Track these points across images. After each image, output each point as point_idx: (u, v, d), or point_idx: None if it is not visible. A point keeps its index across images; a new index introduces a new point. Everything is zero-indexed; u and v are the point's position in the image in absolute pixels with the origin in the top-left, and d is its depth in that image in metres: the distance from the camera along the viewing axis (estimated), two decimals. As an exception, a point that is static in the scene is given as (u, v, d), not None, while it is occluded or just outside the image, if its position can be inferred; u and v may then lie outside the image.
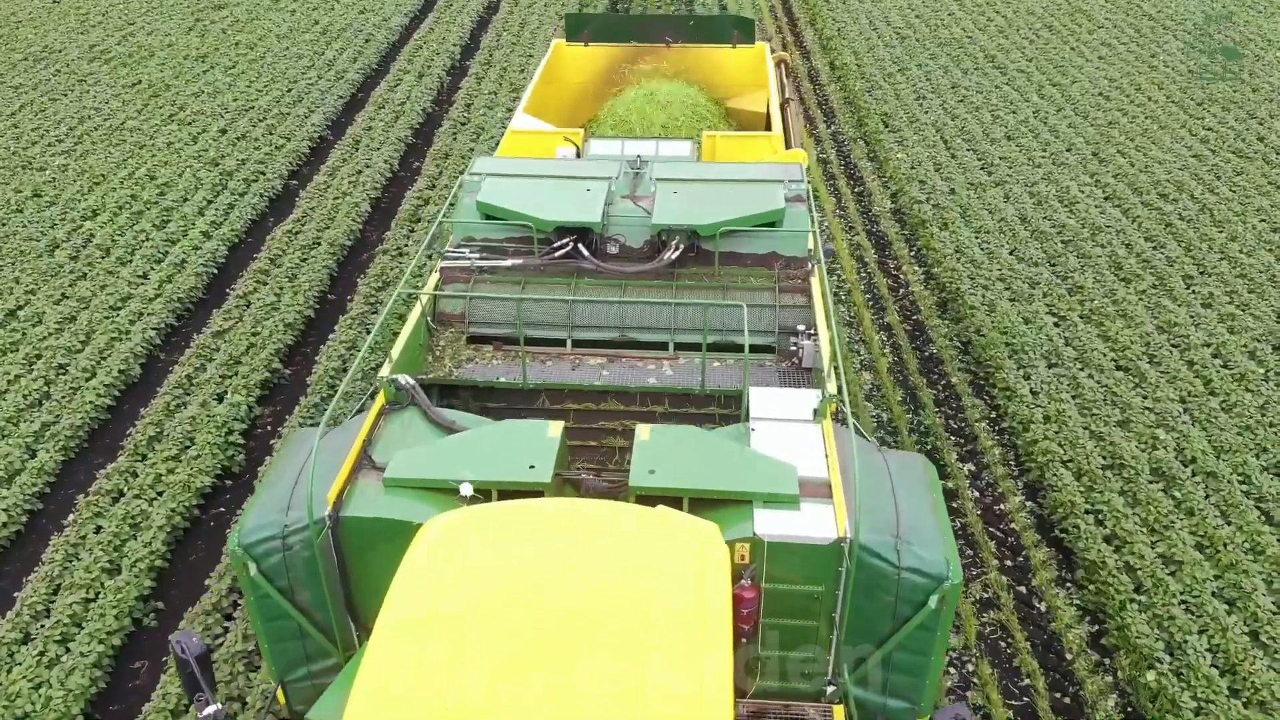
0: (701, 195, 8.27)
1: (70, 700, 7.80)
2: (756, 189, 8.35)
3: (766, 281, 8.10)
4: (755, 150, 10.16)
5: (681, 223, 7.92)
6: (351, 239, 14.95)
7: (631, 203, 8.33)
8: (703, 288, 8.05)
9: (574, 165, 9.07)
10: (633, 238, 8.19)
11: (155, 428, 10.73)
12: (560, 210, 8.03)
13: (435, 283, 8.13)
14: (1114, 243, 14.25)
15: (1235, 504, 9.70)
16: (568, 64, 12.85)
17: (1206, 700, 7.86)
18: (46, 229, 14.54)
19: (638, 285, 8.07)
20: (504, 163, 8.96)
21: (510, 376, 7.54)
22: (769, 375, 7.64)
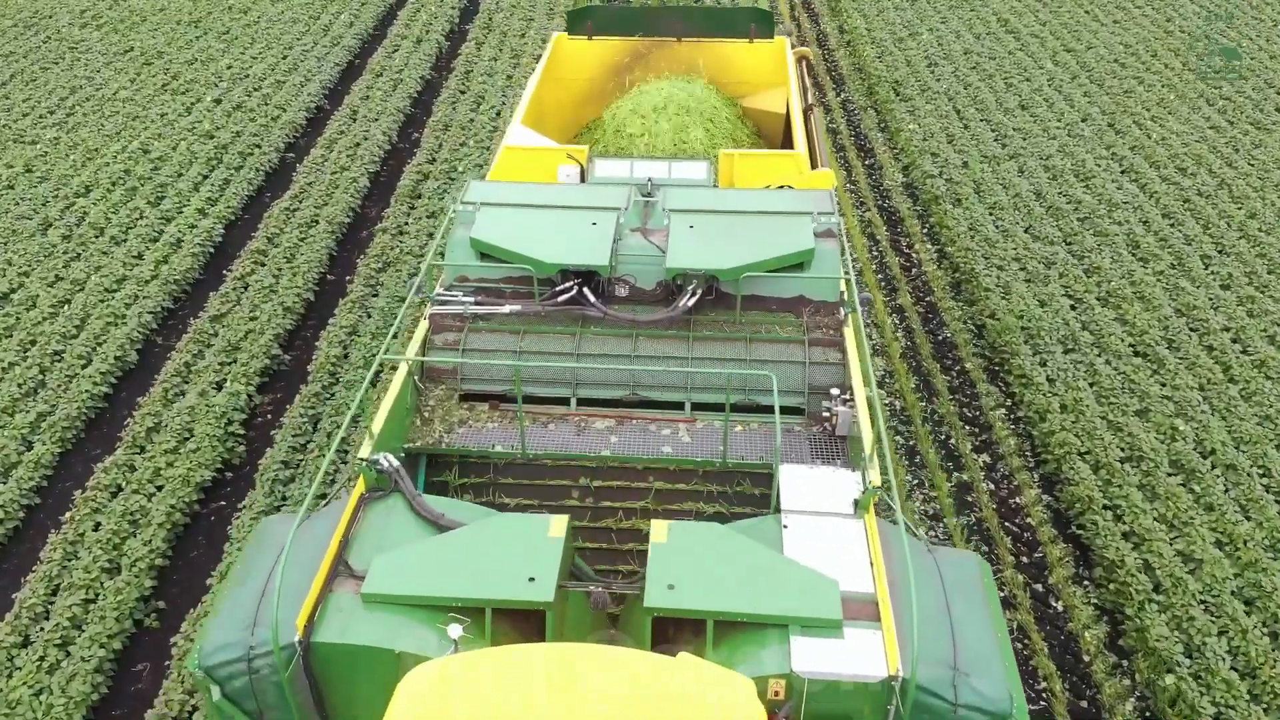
0: (720, 231, 7.36)
1: (72, 708, 7.67)
2: (782, 224, 7.44)
3: (794, 332, 7.18)
4: (777, 170, 9.03)
5: (699, 266, 6.97)
6: (350, 216, 14.63)
7: (643, 238, 7.44)
8: (723, 338, 7.15)
9: (578, 193, 8.01)
10: (644, 279, 7.32)
11: (153, 418, 10.52)
12: (563, 250, 7.10)
13: (424, 332, 7.21)
14: (1131, 220, 13.93)
15: (1255, 499, 9.51)
16: (570, 60, 11.72)
17: (1227, 705, 7.73)
18: (39, 206, 14.22)
19: (650, 335, 7.18)
20: (499, 189, 7.95)
21: (507, 445, 6.68)
22: (798, 443, 6.76)
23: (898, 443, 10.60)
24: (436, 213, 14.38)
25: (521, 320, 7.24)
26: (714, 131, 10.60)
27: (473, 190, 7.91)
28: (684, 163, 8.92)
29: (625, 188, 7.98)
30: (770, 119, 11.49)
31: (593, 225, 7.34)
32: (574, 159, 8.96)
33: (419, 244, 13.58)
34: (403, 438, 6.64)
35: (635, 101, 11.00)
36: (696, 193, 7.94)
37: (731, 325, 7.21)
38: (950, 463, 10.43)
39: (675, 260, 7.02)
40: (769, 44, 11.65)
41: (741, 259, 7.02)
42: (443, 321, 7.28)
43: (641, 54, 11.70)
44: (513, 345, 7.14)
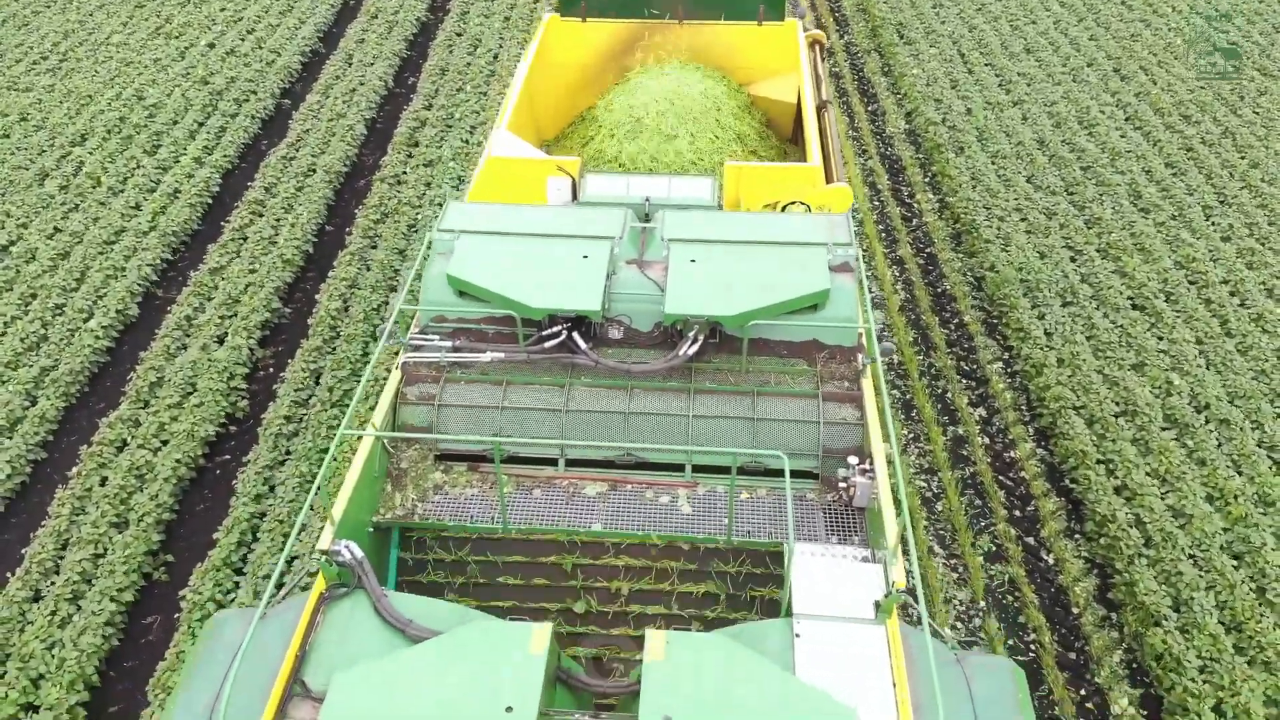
0: (724, 266, 6.56)
1: (84, 660, 7.86)
2: (793, 257, 6.64)
3: (807, 383, 6.48)
4: (788, 185, 8.17)
5: (701, 313, 6.25)
6: (347, 165, 14.54)
7: (639, 272, 6.67)
8: (727, 392, 6.47)
9: (567, 217, 7.14)
10: (640, 319, 6.59)
11: (156, 373, 10.59)
12: (551, 291, 6.34)
13: (396, 384, 6.52)
14: (1134, 169, 13.84)
15: (1247, 454, 9.62)
16: (561, 43, 10.70)
17: (1212, 659, 7.91)
18: (35, 156, 14.13)
19: (647, 387, 6.52)
20: (481, 214, 7.12)
21: (487, 515, 6.06)
22: (811, 512, 6.14)
23: (894, 397, 10.69)
24: (434, 161, 14.28)
25: (504, 369, 6.55)
26: (718, 134, 9.50)
27: (451, 214, 7.07)
28: (685, 179, 7.97)
29: (620, 210, 7.13)
30: (780, 108, 10.62)
31: (584, 259, 6.58)
32: (565, 171, 8.04)
33: (416, 194, 13.51)
34: (372, 508, 6.00)
35: (632, 95, 9.93)
36: (698, 217, 7.13)
37: (737, 375, 6.54)
38: (946, 416, 10.53)
39: (675, 304, 6.27)
40: (779, 27, 10.70)
41: (748, 303, 6.28)
42: (416, 372, 6.57)
43: (640, 37, 10.78)
44: (494, 399, 6.44)
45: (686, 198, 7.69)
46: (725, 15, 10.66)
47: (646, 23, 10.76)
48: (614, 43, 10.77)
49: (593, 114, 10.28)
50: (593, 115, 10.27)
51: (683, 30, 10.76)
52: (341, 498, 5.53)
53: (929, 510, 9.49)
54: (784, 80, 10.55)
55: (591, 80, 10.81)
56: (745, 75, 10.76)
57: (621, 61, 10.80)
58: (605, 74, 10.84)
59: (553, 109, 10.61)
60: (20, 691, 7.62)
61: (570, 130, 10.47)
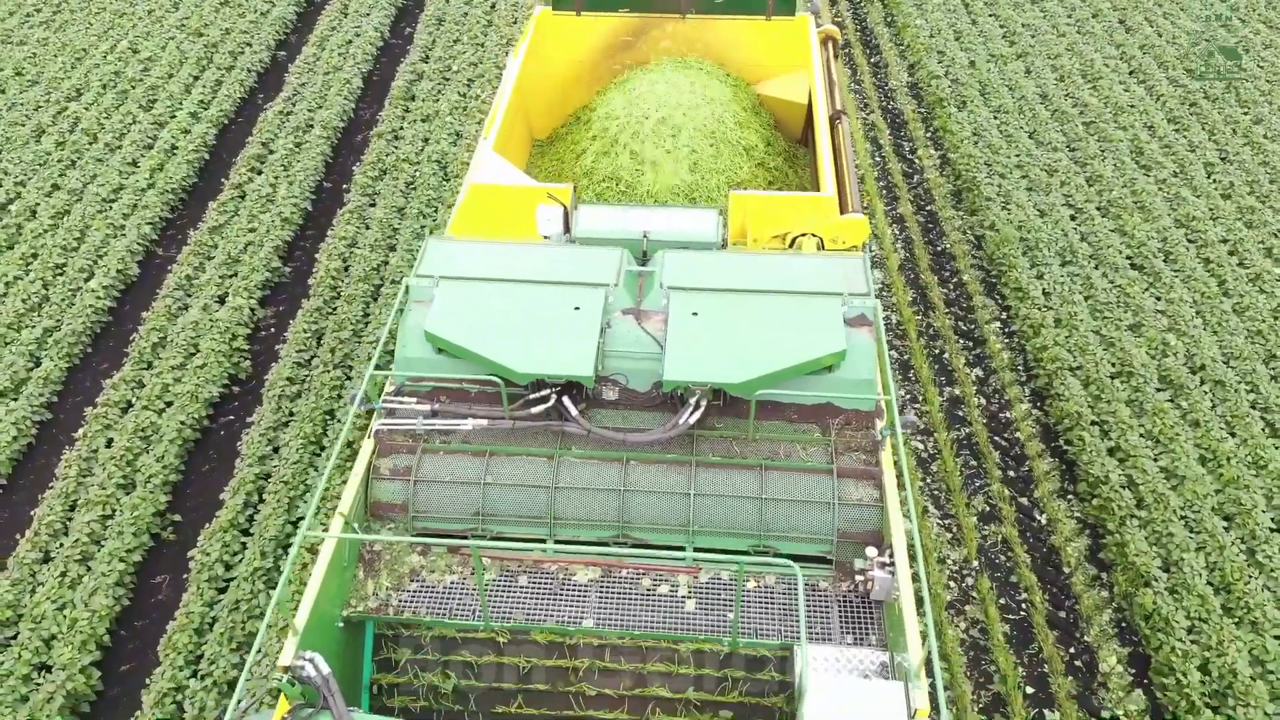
0: (729, 321, 5.95)
1: (95, 621, 8.03)
2: (805, 310, 6.01)
3: (821, 456, 5.95)
4: (799, 216, 7.46)
5: (703, 379, 5.66)
6: (344, 120, 14.43)
7: (635, 324, 6.05)
8: (733, 465, 5.91)
9: (558, 259, 6.46)
10: (637, 379, 5.97)
11: (158, 333, 10.65)
12: (539, 352, 5.75)
13: (369, 455, 5.99)
14: (1136, 125, 13.75)
15: (1241, 415, 9.72)
16: (553, 38, 9.92)
17: (1200, 619, 8.09)
18: (31, 112, 14.02)
19: (644, 459, 5.97)
20: (463, 254, 6.49)
21: (468, 608, 5.58)
22: (824, 605, 5.65)
23: (892, 358, 10.76)
24: (431, 116, 14.18)
25: (487, 437, 6.01)
26: (722, 147, 8.63)
27: (430, 255, 6.47)
28: (686, 212, 7.20)
29: (615, 252, 6.51)
30: (790, 110, 9.87)
31: (575, 311, 5.97)
32: (555, 199, 7.30)
33: (414, 150, 13.44)
34: (342, 598, 5.54)
35: (629, 99, 9.09)
36: (701, 260, 6.49)
37: (743, 443, 6.02)
38: (943, 377, 10.61)
39: (675, 370, 5.68)
40: (789, 22, 9.92)
41: (755, 368, 5.67)
42: (391, 441, 6.04)
43: (639, 32, 10.03)
44: (476, 472, 5.91)
45: (688, 233, 6.98)
46: (732, 9, 9.92)
47: (646, 16, 9.95)
48: (611, 38, 10.01)
49: (588, 115, 9.57)
50: (587, 117, 9.54)
51: (685, 24, 10.00)
52: (306, 601, 5.01)
53: (924, 470, 9.62)
54: (794, 79, 9.87)
55: (586, 77, 10.12)
56: (752, 73, 10.04)
57: (619, 58, 10.08)
58: (601, 70, 10.15)
59: (544, 107, 9.99)
60: (33, 652, 7.79)
61: (564, 131, 9.82)
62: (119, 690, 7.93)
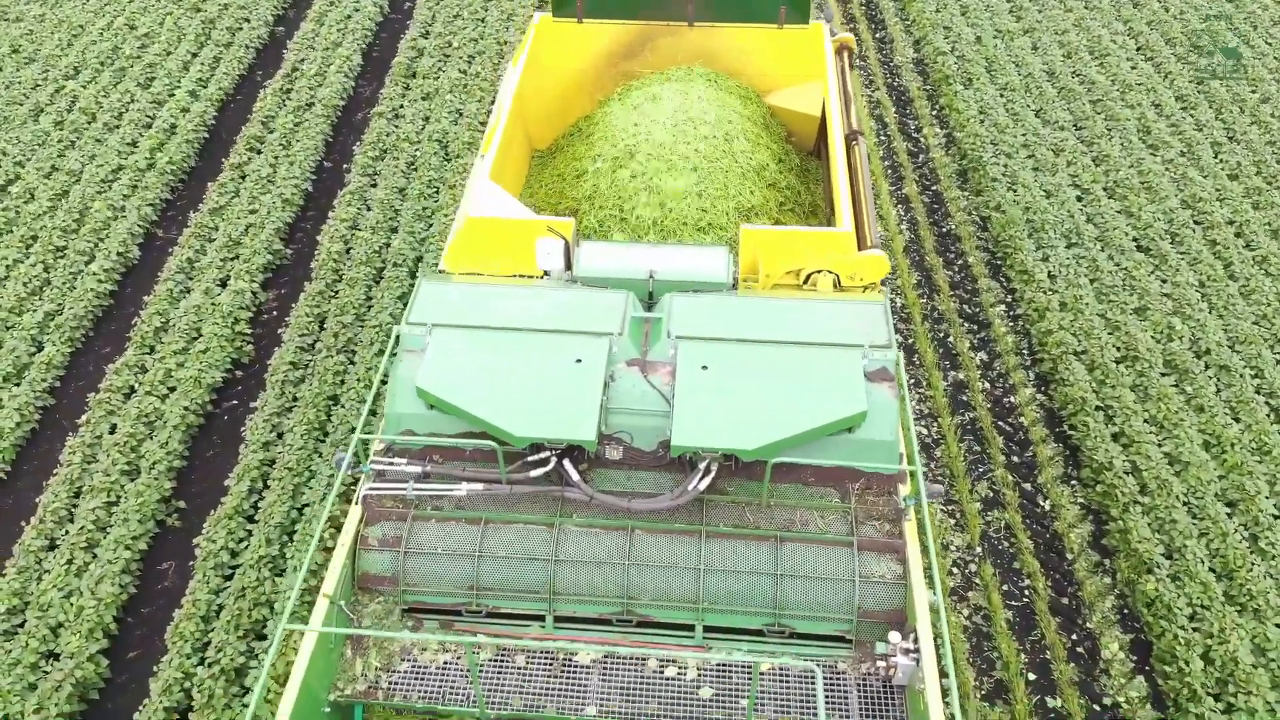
0: (741, 377, 5.59)
1: (102, 609, 8.06)
2: (823, 365, 5.63)
3: (840, 525, 5.60)
4: (815, 251, 6.95)
5: (713, 445, 5.31)
6: (344, 97, 14.31)
7: (641, 376, 5.68)
8: (745, 536, 5.58)
9: (559, 304, 6.10)
10: (642, 437, 5.61)
11: (160, 318, 10.62)
12: (538, 414, 5.39)
13: (356, 523, 5.68)
14: (1144, 103, 13.63)
15: (1245, 400, 9.71)
16: (553, 46, 9.40)
17: (1202, 606, 8.12)
18: (29, 90, 13.90)
19: (651, 527, 5.65)
20: (458, 298, 6.14)
21: (461, 691, 5.32)
22: (843, 688, 5.37)
23: (896, 339, 10.71)
24: (431, 94, 14.05)
25: (483, 503, 5.68)
26: (731, 168, 8.03)
27: (423, 300, 6.07)
28: (695, 250, 6.70)
29: (620, 296, 6.12)
30: (802, 121, 9.43)
31: (576, 364, 5.61)
32: (556, 233, 6.78)
33: (415, 129, 13.34)
34: (329, 680, 5.30)
35: (632, 115, 8.54)
36: (710, 304, 6.13)
37: (755, 509, 5.69)
38: (948, 361, 10.59)
39: (684, 434, 5.32)
40: (803, 30, 9.33)
41: (768, 432, 5.30)
42: (380, 508, 5.73)
43: (644, 40, 9.50)
44: (471, 542, 5.58)
45: (696, 273, 6.52)
46: (742, 17, 9.34)
47: (651, 24, 9.42)
48: (614, 46, 9.49)
49: (589, 128, 9.08)
50: (589, 130, 9.05)
51: (693, 32, 9.43)
52: (291, 688, 4.79)
53: (928, 456, 9.62)
54: (807, 89, 9.37)
55: (588, 86, 9.64)
56: (763, 82, 9.50)
57: (622, 66, 9.57)
58: (604, 80, 9.65)
59: (544, 117, 9.54)
60: (40, 640, 7.83)
61: (565, 142, 9.37)
62: (127, 677, 7.98)
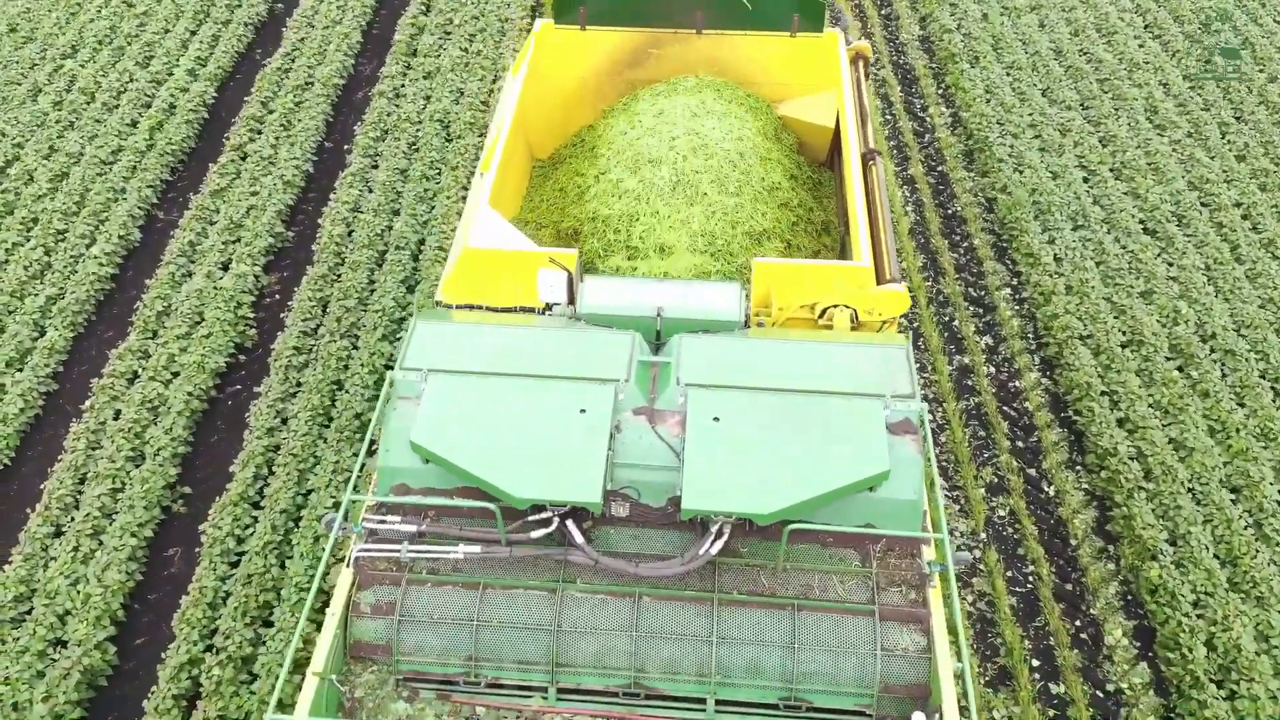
0: (755, 431, 5.27)
1: (109, 596, 8.08)
2: (842, 418, 5.30)
3: (860, 592, 5.26)
4: (831, 285, 6.55)
5: (726, 509, 4.98)
6: (344, 76, 14.19)
7: (649, 427, 5.38)
8: (759, 604, 5.28)
9: (561, 347, 5.77)
10: (650, 493, 5.31)
11: (163, 302, 10.58)
12: (540, 473, 5.06)
13: (348, 588, 5.35)
14: (1151, 82, 13.51)
15: (1251, 385, 9.69)
16: (555, 54, 8.99)
17: (1206, 593, 8.14)
18: (27, 70, 13.78)
19: (659, 594, 5.36)
20: (454, 339, 5.82)
21: None
22: None
23: (900, 324, 10.69)
24: (433, 72, 13.93)
25: (481, 566, 5.36)
26: (742, 189, 7.58)
27: (418, 341, 5.76)
28: (705, 286, 6.36)
29: (626, 338, 5.80)
30: (815, 133, 8.97)
31: (580, 414, 5.31)
32: (559, 264, 6.46)
33: (416, 109, 13.23)
34: None
35: (637, 131, 8.12)
36: (722, 349, 5.80)
37: (770, 573, 5.39)
38: (953, 345, 10.56)
39: (695, 497, 4.98)
40: (816, 39, 8.94)
41: (785, 494, 4.96)
42: (372, 570, 5.39)
43: (650, 47, 9.11)
44: (469, 608, 5.27)
45: (707, 311, 6.18)
46: (753, 25, 8.97)
47: (658, 31, 9.00)
48: (618, 54, 9.09)
49: (592, 140, 8.73)
50: (592, 142, 8.69)
51: (701, 40, 9.04)
52: None
53: (933, 441, 9.62)
54: (820, 100, 8.95)
55: (591, 96, 9.25)
56: (774, 91, 9.09)
57: (626, 75, 9.18)
58: (607, 89, 9.25)
59: (545, 126, 9.17)
60: (48, 628, 7.86)
61: (567, 153, 8.99)
62: (134, 664, 8.02)
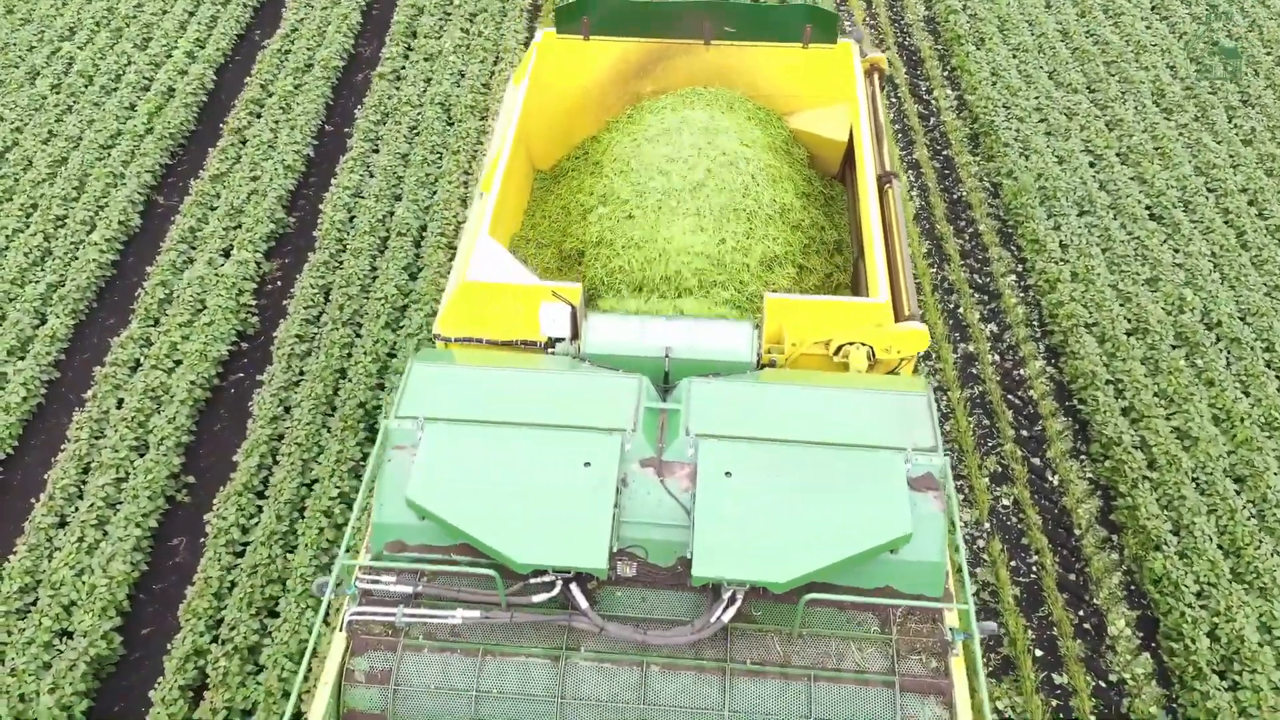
0: (770, 488, 5.01)
1: (115, 587, 8.10)
2: (861, 475, 5.05)
3: (879, 659, 5.03)
4: (847, 323, 6.25)
5: (740, 577, 4.74)
6: (344, 58, 14.07)
7: (657, 480, 5.15)
8: (775, 674, 5.05)
9: (565, 394, 5.52)
10: (658, 552, 5.09)
11: (164, 289, 10.53)
12: (542, 536, 4.84)
13: (341, 654, 5.15)
14: (1158, 65, 13.40)
15: (1256, 374, 9.67)
16: (557, 65, 8.68)
17: (1209, 584, 8.16)
18: (25, 53, 13.66)
19: (668, 663, 5.09)
20: (453, 382, 5.56)
21: None
22: None
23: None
24: (433, 55, 13.81)
25: (480, 630, 5.13)
26: (754, 213, 7.20)
27: (414, 386, 5.49)
28: (715, 324, 6.13)
29: (632, 384, 5.53)
30: (826, 147, 8.63)
31: (585, 468, 5.06)
32: (562, 298, 6.17)
33: (417, 92, 13.13)
34: None
35: (642, 147, 7.71)
36: (733, 394, 5.53)
37: (785, 639, 5.15)
38: (957, 333, 10.53)
39: (706, 563, 4.75)
40: (829, 50, 8.58)
41: (802, 560, 4.74)
42: (367, 635, 5.16)
43: (656, 59, 8.77)
44: (468, 676, 5.07)
45: (717, 352, 5.98)
46: (763, 36, 8.62)
47: (664, 42, 8.67)
48: (623, 65, 8.76)
49: (596, 155, 8.44)
50: (596, 157, 8.39)
51: (709, 52, 8.71)
52: None
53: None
54: (833, 113, 8.59)
55: (593, 107, 8.92)
56: (785, 104, 8.78)
57: (632, 86, 8.85)
58: (611, 100, 8.93)
59: (547, 137, 8.87)
60: (53, 619, 7.88)
61: (569, 165, 8.74)
62: (141, 654, 8.04)
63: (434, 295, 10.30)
